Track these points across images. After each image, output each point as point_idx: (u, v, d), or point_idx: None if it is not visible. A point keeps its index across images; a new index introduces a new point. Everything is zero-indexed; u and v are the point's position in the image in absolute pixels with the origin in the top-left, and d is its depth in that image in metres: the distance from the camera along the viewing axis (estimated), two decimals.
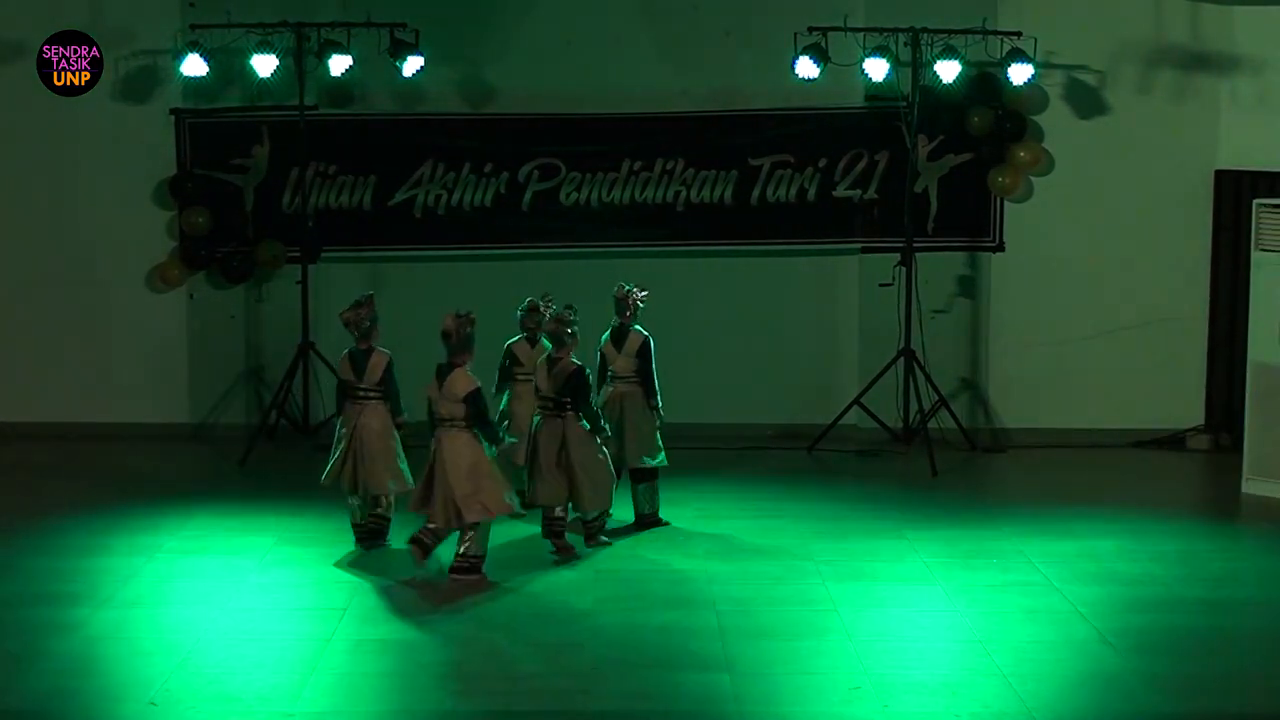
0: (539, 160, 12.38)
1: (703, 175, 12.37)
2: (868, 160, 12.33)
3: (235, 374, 12.57)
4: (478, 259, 12.36)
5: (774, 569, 8.98)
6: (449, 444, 8.57)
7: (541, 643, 7.82)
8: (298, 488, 10.68)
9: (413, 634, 7.99)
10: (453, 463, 8.54)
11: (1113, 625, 8.10)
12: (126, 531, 9.75)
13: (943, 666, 7.57)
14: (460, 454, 8.57)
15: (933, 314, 12.19)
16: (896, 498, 10.71)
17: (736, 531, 9.77)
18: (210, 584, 8.75)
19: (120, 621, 8.14)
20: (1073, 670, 7.57)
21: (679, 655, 7.63)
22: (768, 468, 11.59)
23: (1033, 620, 8.21)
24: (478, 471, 8.58)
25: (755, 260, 12.46)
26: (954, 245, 12.35)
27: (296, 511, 10.16)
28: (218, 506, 10.38)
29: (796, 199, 12.36)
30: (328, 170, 12.41)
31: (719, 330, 12.45)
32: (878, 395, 12.13)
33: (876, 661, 7.58)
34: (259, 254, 12.45)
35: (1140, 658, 7.71)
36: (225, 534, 9.69)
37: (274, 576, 8.88)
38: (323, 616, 8.21)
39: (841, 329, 12.48)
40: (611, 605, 8.37)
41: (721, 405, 12.34)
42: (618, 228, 12.38)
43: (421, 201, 12.44)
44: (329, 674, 7.45)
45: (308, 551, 9.32)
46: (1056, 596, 8.55)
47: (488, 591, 8.61)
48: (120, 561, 9.08)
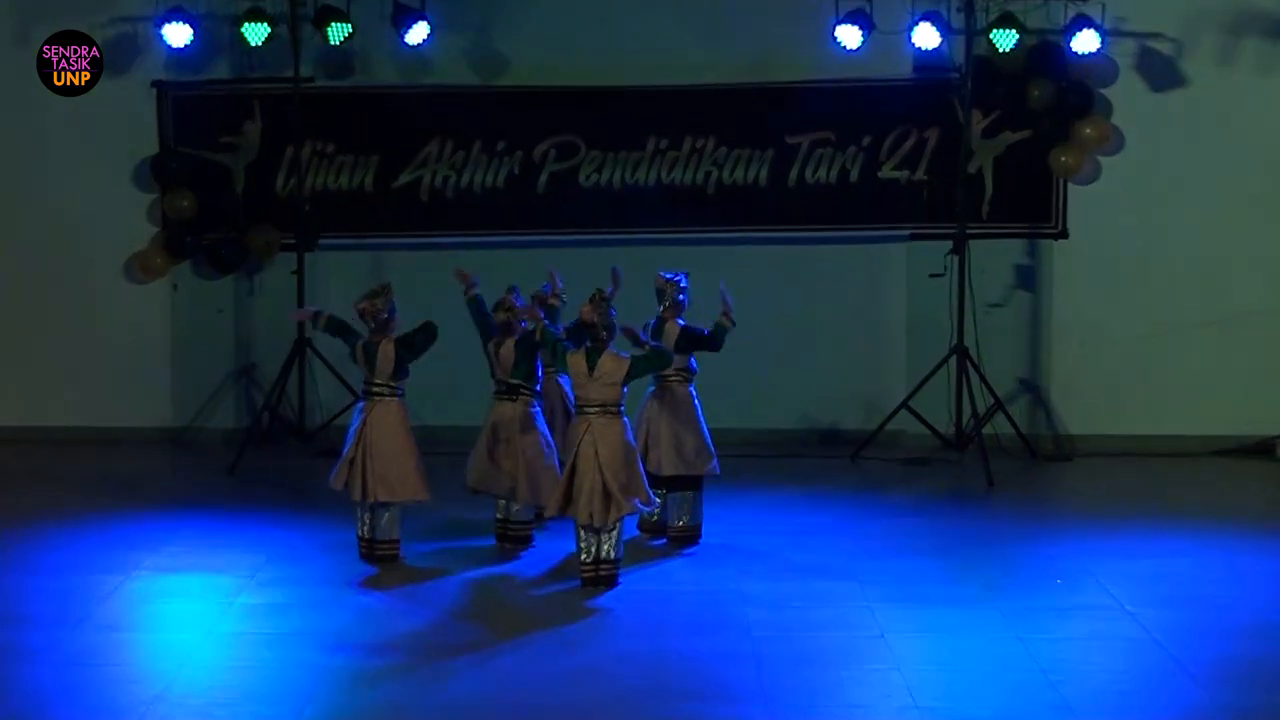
0: (556, 138, 12.44)
1: (735, 154, 12.42)
2: (916, 138, 12.34)
3: (224, 373, 12.67)
4: (489, 246, 12.42)
5: (814, 590, 8.96)
6: (602, 431, 8.72)
7: (559, 670, 7.80)
8: (293, 498, 10.75)
9: (419, 663, 7.95)
10: (609, 451, 8.70)
11: (1194, 654, 8.03)
12: (102, 547, 9.77)
13: (1001, 700, 7.52)
14: (616, 441, 8.74)
15: (988, 308, 12.22)
16: (949, 511, 10.74)
17: (772, 548, 9.78)
18: (194, 605, 8.75)
19: (94, 647, 8.11)
20: (1149, 705, 7.49)
21: (709, 685, 7.60)
22: (806, 478, 11.62)
23: (1103, 648, 8.16)
24: (632, 460, 8.81)
25: (792, 248, 12.53)
26: (1012, 232, 12.40)
27: (292, 525, 10.17)
28: (204, 519, 10.40)
29: (838, 181, 12.40)
30: (325, 149, 12.49)
31: (752, 325, 12.16)
32: (927, 398, 12.15)
33: (927, 693, 7.50)
34: (250, 241, 12.49)
35: (1226, 691, 7.63)
36: (212, 550, 9.71)
37: (266, 597, 8.84)
38: (320, 643, 8.14)
39: (887, 324, 12.52)
40: (635, 629, 8.37)
41: (755, 409, 12.41)
42: (642, 212, 12.44)
43: (428, 183, 12.51)
44: (326, 708, 7.42)
45: (304, 570, 9.30)
46: (1129, 622, 8.51)
47: (501, 614, 8.63)
48: (95, 580, 9.09)
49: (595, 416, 8.83)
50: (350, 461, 9.20)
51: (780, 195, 12.40)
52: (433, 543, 9.74)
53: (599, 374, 8.84)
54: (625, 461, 8.81)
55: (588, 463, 8.76)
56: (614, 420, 8.83)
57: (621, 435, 8.83)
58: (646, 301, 9.85)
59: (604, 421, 8.84)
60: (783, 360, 12.47)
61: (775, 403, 12.49)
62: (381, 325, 9.25)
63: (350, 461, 9.20)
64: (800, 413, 12.55)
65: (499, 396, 9.50)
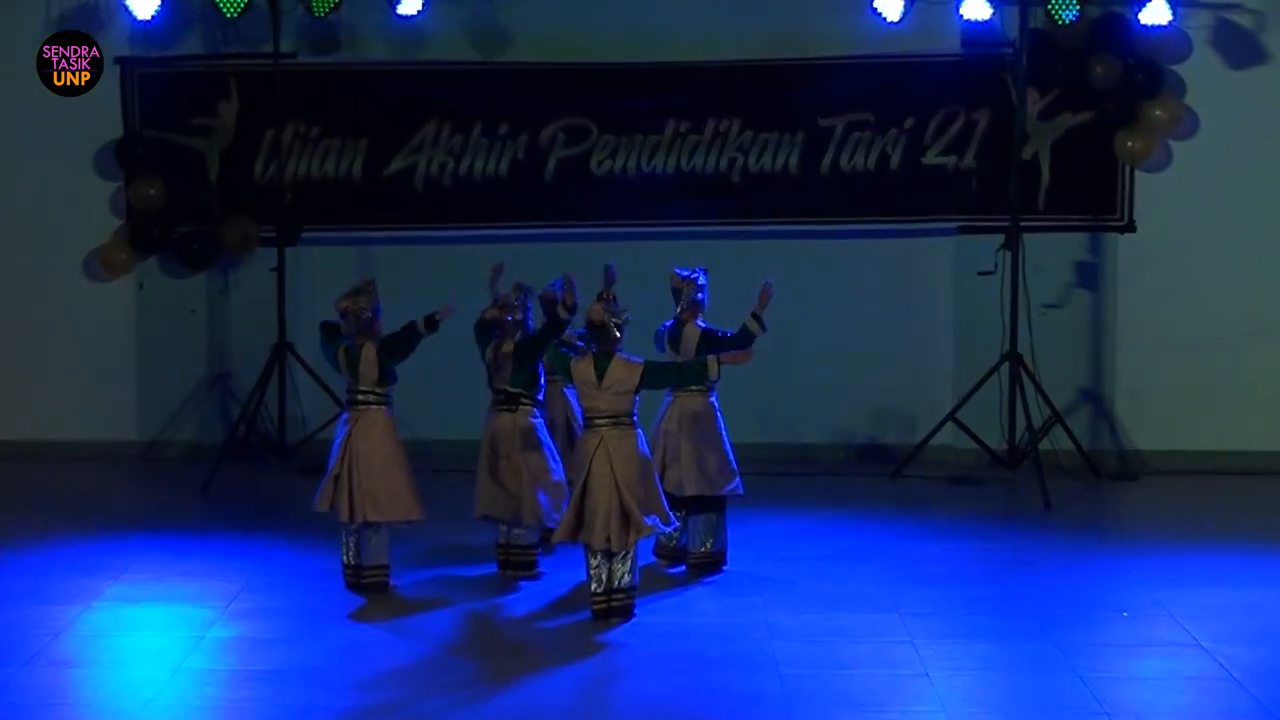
0: (565, 120, 12.45)
1: (763, 139, 12.43)
2: (964, 120, 12.35)
3: (195, 381, 12.69)
4: (491, 240, 12.37)
5: (850, 623, 8.94)
6: (616, 445, 8.68)
7: (566, 713, 7.78)
8: (272, 521, 10.74)
9: (410, 704, 7.92)
10: (624, 466, 8.67)
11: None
12: (60, 573, 9.75)
13: None
14: (631, 455, 8.71)
15: (1045, 309, 12.24)
16: (1001, 535, 10.72)
17: (803, 576, 9.75)
18: (161, 639, 8.72)
19: (48, 685, 8.08)
20: None
21: None
22: (842, 498, 11.63)
23: (1175, 689, 8.12)
24: (648, 475, 8.80)
25: (826, 243, 12.56)
26: (1071, 224, 12.41)
27: (271, 550, 10.17)
28: (172, 543, 10.39)
29: (877, 167, 12.41)
30: (309, 132, 12.51)
31: (781, 329, 12.13)
32: (977, 409, 12.12)
33: None
34: (225, 234, 12.51)
35: None
36: (181, 578, 9.69)
37: (240, 631, 8.82)
38: (300, 682, 8.10)
39: (932, 327, 12.55)
40: (651, 667, 8.34)
41: (784, 421, 12.48)
42: (660, 202, 12.48)
43: (423, 170, 12.51)
44: None
45: (284, 600, 9.29)
46: (1206, 659, 8.46)
47: (502, 650, 8.60)
48: (50, 610, 9.06)
49: (607, 429, 8.78)
50: (335, 478, 9.19)
51: (813, 184, 12.41)
52: (427, 569, 9.71)
53: (609, 382, 8.77)
54: (642, 476, 8.78)
55: (601, 480, 8.70)
56: (628, 432, 8.78)
57: (637, 448, 8.79)
58: (666, 302, 9.83)
59: (617, 434, 8.78)
60: (815, 368, 12.49)
61: (807, 415, 12.54)
62: (365, 326, 9.22)
63: (335, 478, 9.19)
64: (834, 426, 12.58)
65: (497, 407, 9.46)
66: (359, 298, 9.27)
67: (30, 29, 11.98)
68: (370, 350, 9.19)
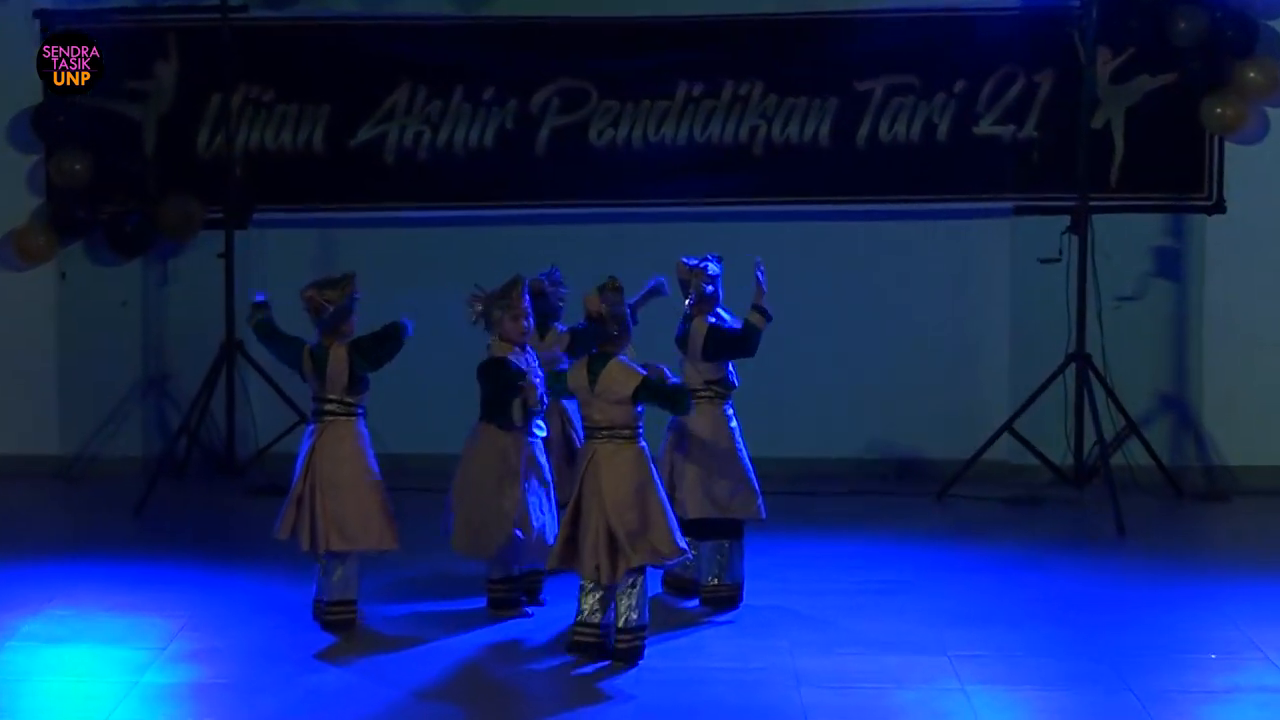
0: (560, 83, 12.48)
1: (790, 104, 12.46)
2: (1024, 83, 12.39)
3: (128, 386, 12.70)
4: (473, 223, 12.48)
5: (891, 667, 8.83)
6: (607, 461, 8.65)
7: None
8: (219, 548, 10.76)
9: None
10: (614, 486, 8.62)
11: None
12: None
13: None
14: (626, 473, 8.66)
15: (1118, 302, 12.24)
16: (1066, 565, 10.65)
17: (835, 613, 9.68)
18: (87, 686, 8.62)
19: None
20: None
21: None
22: (880, 521, 11.61)
23: None
24: (648, 497, 8.72)
25: (861, 225, 12.60)
26: (1149, 204, 12.43)
27: (217, 581, 10.14)
28: (100, 572, 10.34)
29: (921, 138, 12.45)
30: (262, 97, 12.57)
31: (810, 324, 12.50)
32: (1038, 419, 12.15)
33: None
34: (163, 215, 12.50)
35: None
36: (111, 612, 9.63)
37: (182, 675, 8.73)
38: None
39: (985, 324, 12.60)
40: (662, 718, 8.28)
41: (814, 433, 12.53)
42: (670, 179, 12.51)
43: (395, 141, 12.56)
44: None
45: (233, 640, 9.21)
46: None
47: (487, 697, 8.52)
48: None
49: (601, 443, 8.75)
50: (298, 501, 9.15)
51: (847, 157, 12.45)
52: (406, 604, 9.66)
53: (601, 388, 8.69)
54: (637, 500, 8.68)
55: (590, 501, 8.67)
56: (623, 447, 8.70)
57: (632, 465, 8.70)
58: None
59: (611, 449, 8.74)
60: (847, 370, 12.55)
61: (837, 425, 12.57)
62: (333, 324, 9.12)
63: (298, 501, 9.15)
64: (870, 438, 12.62)
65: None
66: (328, 290, 9.18)
67: None
68: (340, 351, 9.10)
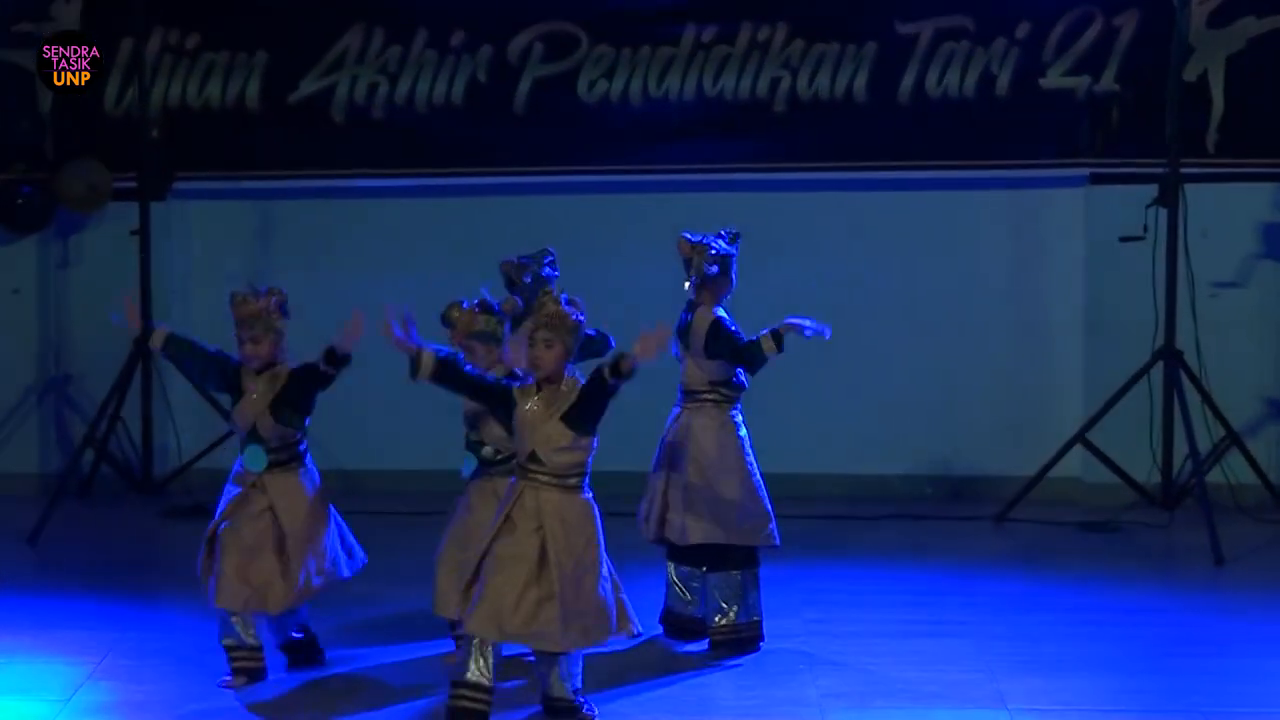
0: (543, 25, 12.55)
1: (818, 52, 12.54)
2: (1102, 25, 12.45)
3: (20, 389, 12.84)
4: (438, 193, 12.57)
5: (941, 718, 8.82)
6: (552, 509, 8.55)
7: None
8: (133, 579, 10.80)
9: None
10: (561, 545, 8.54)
11: None
12: None
13: None
14: (573, 529, 8.56)
15: (1216, 290, 12.32)
16: (1151, 601, 10.65)
17: (873, 658, 9.64)
18: None
19: None
20: None
21: None
22: (928, 549, 11.66)
23: None
24: (587, 567, 8.61)
25: (905, 196, 12.68)
26: (1254, 171, 12.49)
27: (131, 619, 10.16)
28: None
29: (977, 92, 12.53)
30: (184, 43, 12.60)
31: (844, 316, 12.24)
32: (1117, 429, 12.17)
33: None
34: (64, 185, 12.54)
35: None
36: (2, 657, 9.64)
37: None
38: None
39: (1054, 314, 12.71)
40: None
41: (850, 445, 12.63)
42: (674, 140, 12.57)
43: (344, 96, 12.63)
44: None
45: (150, 689, 9.19)
46: None
47: None
48: None
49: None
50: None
51: (887, 114, 12.52)
52: (364, 646, 9.68)
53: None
54: None
55: None
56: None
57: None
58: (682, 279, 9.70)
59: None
60: (891, 371, 12.65)
61: (880, 436, 12.65)
62: (257, 343, 9.02)
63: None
64: (918, 451, 12.71)
65: None
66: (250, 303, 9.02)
67: None
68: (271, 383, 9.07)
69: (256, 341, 8.98)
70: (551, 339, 8.36)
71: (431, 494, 10.43)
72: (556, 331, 8.34)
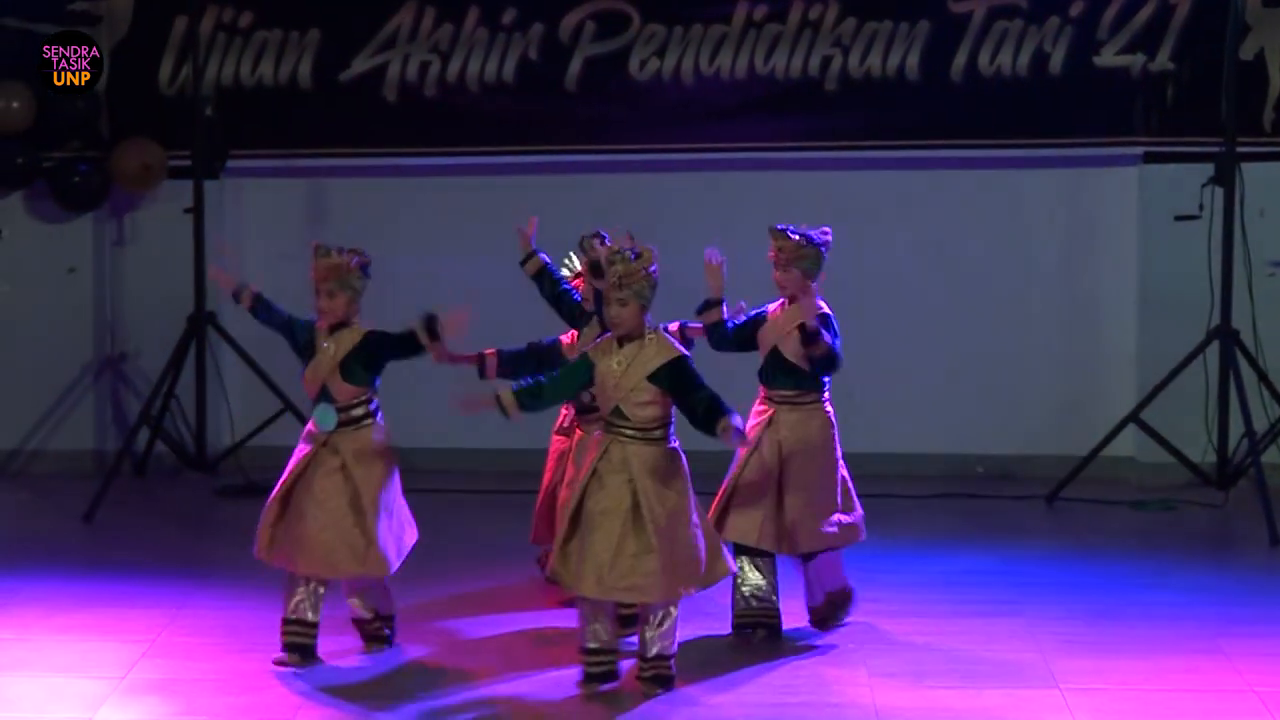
0: (594, 4, 12.58)
1: (870, 29, 12.54)
2: (1157, 3, 12.42)
3: (77, 368, 12.79)
4: (490, 171, 12.60)
5: (991, 703, 8.73)
6: (639, 462, 8.62)
7: None
8: (187, 558, 10.82)
9: None
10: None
11: None
12: None
13: None
14: (663, 481, 8.62)
15: (1272, 268, 12.26)
16: (1205, 582, 10.54)
17: (924, 638, 9.62)
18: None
19: None
20: None
21: None
22: (979, 530, 11.65)
23: None
24: (680, 516, 8.68)
25: (957, 175, 12.67)
26: None
27: (184, 598, 10.10)
28: (45, 589, 10.37)
29: (1031, 71, 12.50)
30: (237, 22, 12.64)
31: (894, 296, 12.66)
32: (1170, 408, 12.12)
33: None
34: (119, 163, 12.49)
35: None
36: (58, 637, 9.61)
37: (143, 712, 8.66)
38: None
39: (1108, 294, 12.67)
40: None
41: (899, 425, 12.64)
42: (726, 119, 12.56)
43: (397, 75, 12.64)
44: None
45: (203, 668, 9.16)
46: None
47: None
48: None
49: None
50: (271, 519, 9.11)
51: (939, 93, 12.49)
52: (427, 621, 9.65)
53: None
54: None
55: None
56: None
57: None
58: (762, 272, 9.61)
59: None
60: (941, 350, 12.66)
61: (930, 415, 12.68)
62: (332, 296, 8.97)
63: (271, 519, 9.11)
64: (968, 431, 12.69)
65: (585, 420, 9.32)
66: (330, 260, 8.96)
67: None
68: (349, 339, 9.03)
69: (332, 295, 8.96)
70: (625, 297, 8.46)
71: (468, 472, 10.39)
72: (629, 288, 8.44)
